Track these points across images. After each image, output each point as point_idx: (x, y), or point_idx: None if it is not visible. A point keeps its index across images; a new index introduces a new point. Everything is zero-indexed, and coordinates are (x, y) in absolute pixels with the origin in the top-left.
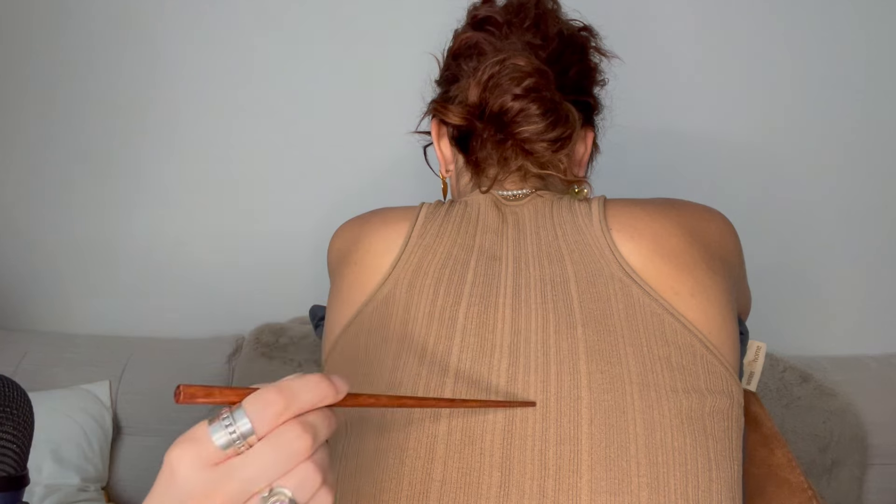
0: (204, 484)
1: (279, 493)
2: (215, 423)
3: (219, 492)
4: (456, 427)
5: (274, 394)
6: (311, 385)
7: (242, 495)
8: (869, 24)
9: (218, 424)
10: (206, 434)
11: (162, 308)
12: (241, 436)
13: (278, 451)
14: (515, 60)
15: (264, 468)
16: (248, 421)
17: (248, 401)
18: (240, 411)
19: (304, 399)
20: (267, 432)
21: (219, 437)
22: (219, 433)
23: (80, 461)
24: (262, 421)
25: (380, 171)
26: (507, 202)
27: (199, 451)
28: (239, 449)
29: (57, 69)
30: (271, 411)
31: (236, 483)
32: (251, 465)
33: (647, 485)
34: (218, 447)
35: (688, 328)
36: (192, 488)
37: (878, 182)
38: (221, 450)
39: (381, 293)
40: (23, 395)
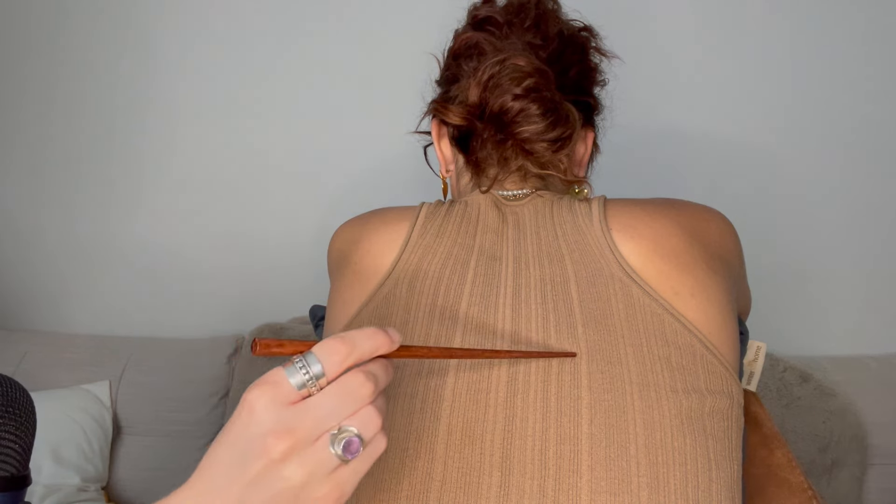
0: (282, 421)
1: (347, 430)
2: (290, 367)
3: (296, 427)
4: (456, 427)
5: (338, 342)
6: (369, 335)
7: (316, 431)
8: (869, 24)
9: (293, 367)
10: (282, 376)
11: (162, 308)
12: (313, 377)
13: (346, 395)
14: (516, 60)
15: (335, 408)
16: (319, 364)
17: (317, 347)
18: (311, 356)
19: (365, 346)
20: (336, 374)
21: (295, 379)
22: (294, 375)
23: (80, 461)
24: (331, 364)
25: (380, 171)
26: (507, 202)
27: (276, 391)
28: (311, 390)
29: (56, 70)
30: (338, 356)
31: (311, 420)
32: (323, 404)
33: (647, 485)
34: (293, 387)
35: (688, 328)
36: (272, 425)
37: (878, 182)
38: (296, 390)
39: (382, 293)
40: (25, 396)
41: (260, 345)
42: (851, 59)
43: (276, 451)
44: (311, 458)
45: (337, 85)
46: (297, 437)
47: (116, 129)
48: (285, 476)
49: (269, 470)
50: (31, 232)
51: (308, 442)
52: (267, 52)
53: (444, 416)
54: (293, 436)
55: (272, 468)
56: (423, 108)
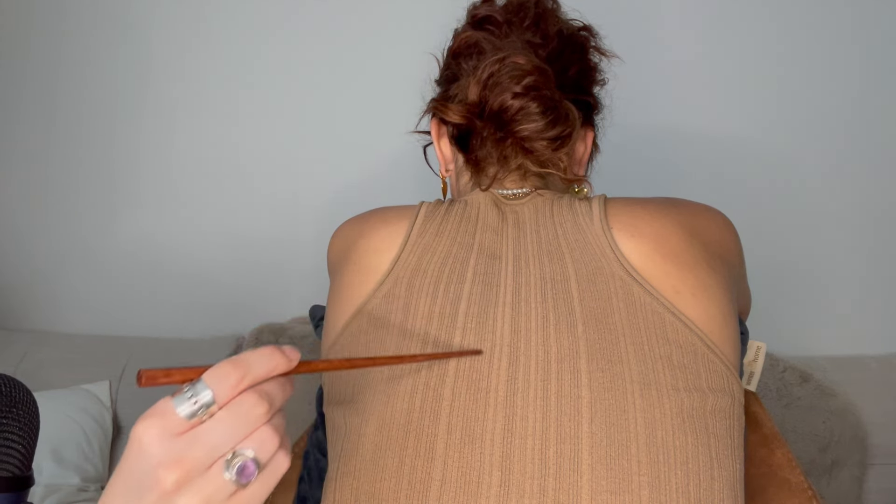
0: (172, 452)
1: (241, 454)
2: (178, 396)
3: (186, 458)
4: (456, 426)
5: (230, 366)
6: (264, 356)
7: (209, 459)
8: (869, 23)
9: (181, 397)
10: (170, 407)
11: (162, 308)
12: (203, 405)
13: (238, 417)
14: (515, 59)
15: (226, 433)
16: (209, 392)
17: (207, 374)
18: (201, 383)
19: (259, 369)
20: (227, 401)
21: (183, 409)
22: (182, 405)
23: (80, 461)
24: (222, 391)
25: (380, 170)
26: (507, 201)
27: (164, 422)
28: (202, 418)
29: (55, 70)
30: (229, 382)
31: (202, 448)
32: (214, 430)
33: (648, 483)
34: (182, 417)
35: (689, 327)
36: (161, 457)
37: (879, 182)
38: (186, 420)
39: (381, 292)
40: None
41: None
42: (852, 59)
43: (168, 483)
44: (205, 487)
45: (337, 84)
46: (189, 466)
47: (116, 129)
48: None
49: (164, 502)
50: (31, 232)
51: (200, 470)
52: (267, 52)
53: (444, 416)
54: (184, 466)
55: (166, 499)
56: (423, 108)
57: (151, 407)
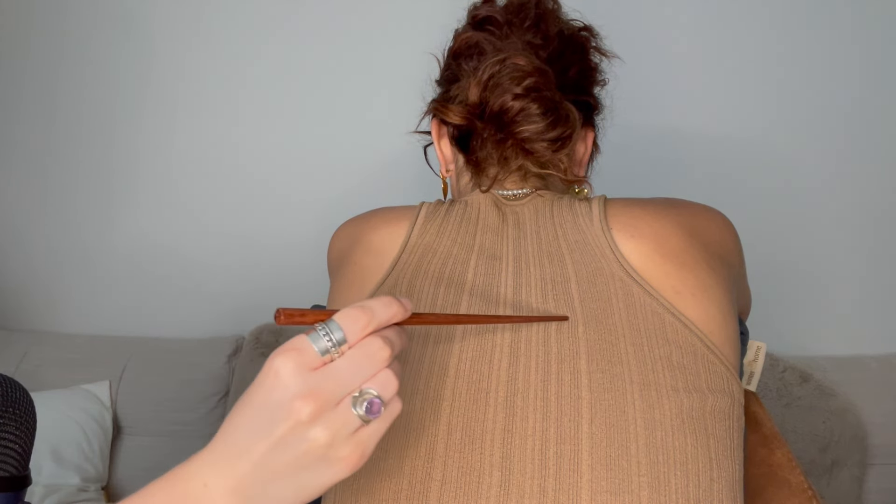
0: (307, 384)
1: (368, 392)
2: (313, 334)
3: (321, 390)
4: (456, 426)
5: (359, 310)
6: (385, 303)
7: (339, 393)
8: (870, 23)
9: (316, 334)
10: (306, 343)
11: (162, 308)
12: (336, 343)
13: (366, 359)
14: (516, 60)
15: (355, 371)
16: (340, 331)
17: (338, 315)
18: (333, 324)
19: (382, 315)
20: (356, 341)
21: (319, 345)
22: (318, 341)
23: (80, 461)
24: (352, 331)
25: (380, 170)
26: (507, 202)
27: (301, 357)
28: (333, 356)
29: (55, 70)
30: (359, 324)
31: (334, 383)
32: (346, 369)
33: (647, 484)
34: (317, 353)
35: (688, 327)
36: (297, 389)
37: (879, 182)
38: (319, 355)
39: (381, 292)
40: (25, 396)
41: (284, 314)
42: (852, 59)
43: (303, 414)
44: (336, 420)
45: (337, 84)
46: (322, 399)
47: (117, 129)
48: (311, 437)
49: (296, 431)
50: (31, 232)
51: (332, 404)
52: (267, 52)
53: (444, 416)
54: (318, 398)
55: (298, 430)
56: (423, 108)
57: (288, 342)
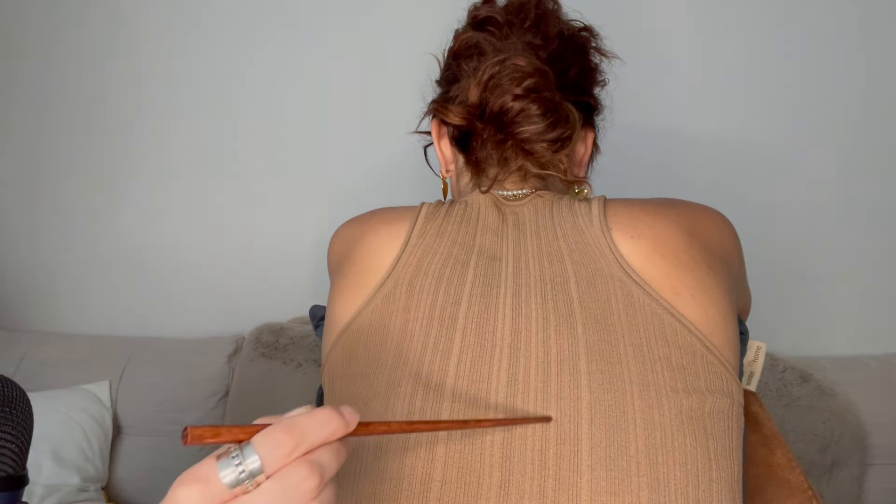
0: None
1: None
2: (224, 460)
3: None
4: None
5: (284, 433)
6: (321, 422)
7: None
8: (870, 24)
9: (226, 461)
10: (214, 472)
11: (162, 308)
12: (249, 474)
13: (285, 492)
14: (516, 60)
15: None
16: (257, 459)
17: (257, 439)
18: (249, 448)
19: (315, 437)
20: (276, 469)
21: (227, 475)
22: (227, 470)
23: (80, 461)
24: (272, 459)
25: (380, 171)
26: (507, 202)
27: (206, 490)
28: (247, 487)
29: (50, 70)
30: (281, 451)
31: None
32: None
33: (647, 485)
34: (225, 485)
35: (688, 328)
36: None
37: (879, 182)
38: (229, 488)
39: (382, 293)
40: (22, 395)
41: (191, 435)
42: (852, 59)
43: None
44: None
45: (337, 84)
46: None
47: (115, 130)
48: None
49: None
50: (31, 232)
51: None
52: (267, 51)
53: (444, 416)
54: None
55: None
56: (423, 108)
57: (193, 468)
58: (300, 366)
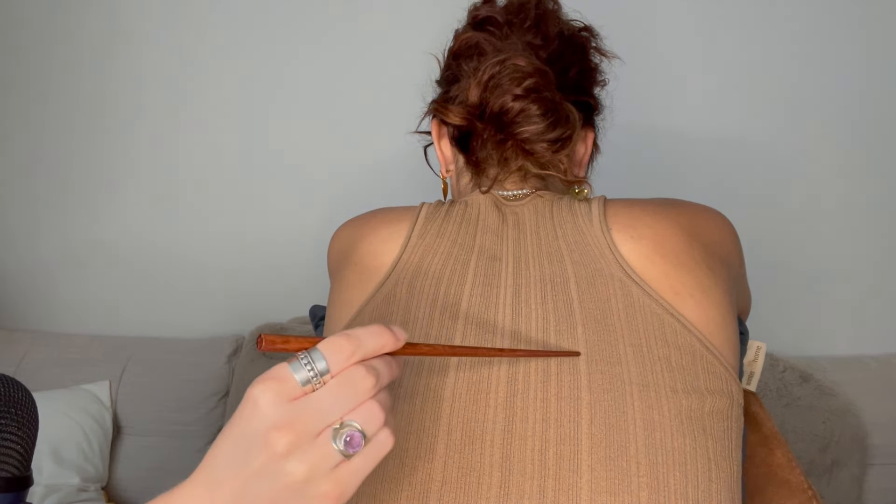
0: (285, 415)
1: (349, 425)
2: (294, 363)
3: (298, 421)
4: (456, 426)
5: (344, 339)
6: (374, 332)
7: (318, 425)
8: (870, 24)
9: (297, 363)
10: (287, 372)
11: (162, 308)
12: (317, 373)
13: (348, 389)
14: (516, 60)
15: (336, 402)
16: (323, 361)
17: (322, 344)
18: (316, 353)
19: (369, 344)
20: (339, 371)
21: (299, 375)
22: (299, 371)
23: (80, 461)
24: (336, 361)
25: (380, 171)
26: (507, 202)
27: (280, 386)
28: (315, 386)
29: (50, 69)
30: (343, 353)
31: (313, 414)
32: (325, 399)
33: (646, 485)
34: (297, 383)
35: (687, 328)
36: (275, 419)
37: (878, 182)
38: (300, 386)
39: (382, 293)
40: (27, 396)
41: (266, 340)
42: (852, 60)
43: (279, 446)
44: (314, 453)
45: (337, 84)
46: (300, 431)
47: (115, 130)
48: (288, 471)
49: (272, 464)
50: (31, 233)
51: (310, 437)
52: (266, 51)
53: (444, 416)
54: (295, 430)
55: (274, 462)
56: (423, 108)
57: (267, 371)
58: None
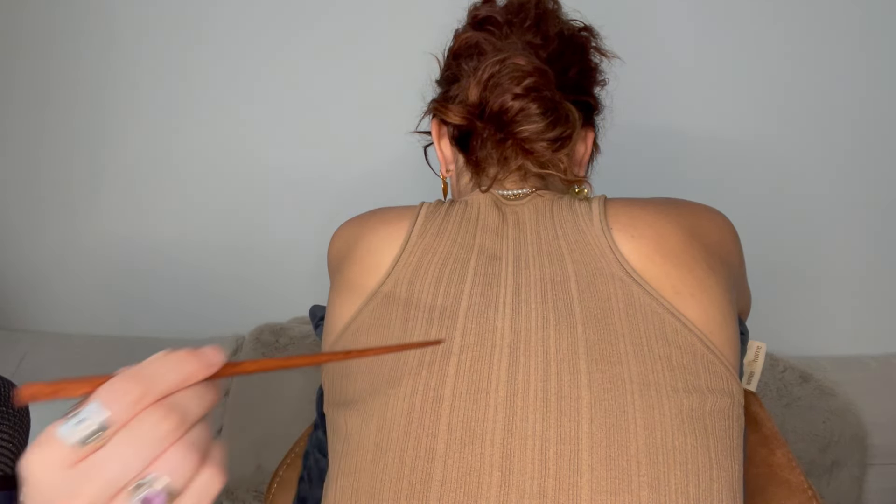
0: (64, 487)
1: (146, 482)
2: (67, 421)
3: (81, 493)
4: (456, 426)
5: (129, 381)
6: (173, 365)
7: (108, 492)
8: (871, 23)
9: (69, 421)
10: (58, 434)
11: (161, 308)
12: (97, 429)
13: (139, 440)
14: (516, 60)
15: (126, 460)
16: (104, 412)
17: (100, 391)
18: (93, 405)
19: (166, 382)
20: (125, 421)
21: (70, 435)
22: (69, 431)
23: None
24: (119, 409)
25: (380, 170)
26: (507, 202)
27: (52, 453)
28: (98, 443)
29: (48, 70)
30: (128, 399)
31: (98, 481)
32: (111, 459)
33: (647, 484)
34: (72, 445)
35: (688, 327)
36: (54, 494)
37: (879, 181)
38: (78, 447)
39: (382, 292)
40: None
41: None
42: (852, 59)
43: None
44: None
45: (337, 84)
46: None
47: (114, 129)
48: None
49: None
50: (30, 233)
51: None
52: (265, 50)
53: (444, 416)
54: (81, 502)
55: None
56: (423, 108)
57: (40, 434)
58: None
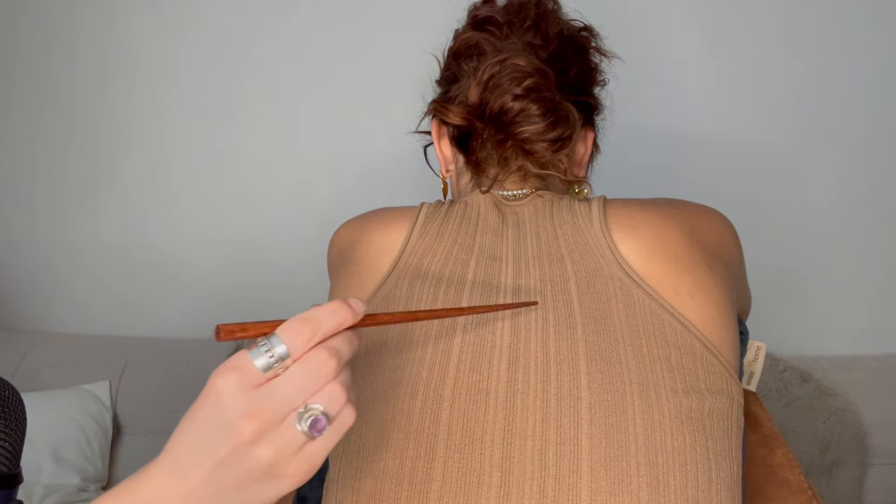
0: (248, 404)
1: (313, 408)
2: (254, 350)
3: (263, 410)
4: (456, 427)
5: (301, 323)
6: (331, 311)
7: (283, 411)
8: (871, 25)
9: (257, 350)
10: (247, 360)
11: (162, 308)
12: (278, 358)
13: (310, 374)
14: (516, 60)
15: (299, 388)
16: (283, 346)
17: (280, 330)
18: (275, 338)
19: (328, 324)
20: (300, 354)
21: (259, 361)
22: (259, 358)
23: (80, 461)
24: (295, 345)
25: (380, 171)
26: (507, 202)
27: (242, 375)
28: (277, 371)
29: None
30: (302, 337)
31: (277, 401)
32: (288, 385)
33: (646, 485)
34: (258, 370)
35: (688, 328)
36: (240, 408)
37: (878, 182)
38: (262, 373)
39: (382, 292)
40: (14, 394)
41: (223, 331)
42: (852, 60)
43: (247, 434)
44: (280, 438)
45: (337, 84)
46: (265, 419)
47: (115, 130)
48: (255, 456)
49: (239, 451)
50: (30, 233)
51: (275, 423)
52: (265, 50)
53: (444, 417)
54: (261, 418)
55: (242, 450)
56: (423, 108)
57: (229, 359)
58: None
